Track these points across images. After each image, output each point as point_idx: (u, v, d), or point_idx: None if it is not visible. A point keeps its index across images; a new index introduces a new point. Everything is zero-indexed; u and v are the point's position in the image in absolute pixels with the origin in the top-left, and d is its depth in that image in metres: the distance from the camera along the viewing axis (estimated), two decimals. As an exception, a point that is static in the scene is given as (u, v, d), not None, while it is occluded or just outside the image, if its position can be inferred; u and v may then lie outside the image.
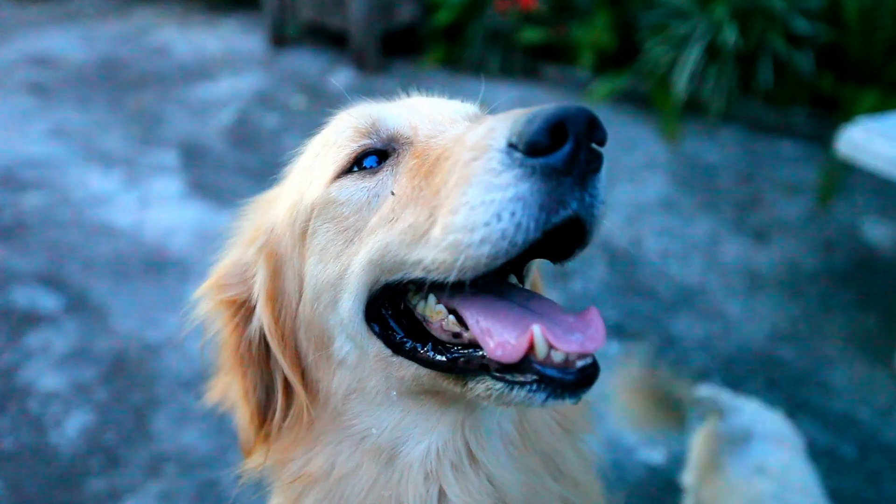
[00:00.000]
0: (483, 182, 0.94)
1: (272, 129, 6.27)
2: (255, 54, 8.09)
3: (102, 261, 4.44)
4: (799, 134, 5.82)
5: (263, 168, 5.39)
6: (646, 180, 5.32)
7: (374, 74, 7.30)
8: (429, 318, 1.10)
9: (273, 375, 1.27)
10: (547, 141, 0.91)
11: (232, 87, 7.17)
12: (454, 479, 1.15)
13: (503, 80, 6.82)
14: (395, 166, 1.15)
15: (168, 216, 4.95)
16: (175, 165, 5.66)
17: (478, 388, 1.02)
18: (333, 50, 7.93)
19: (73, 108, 6.68)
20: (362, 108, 1.26)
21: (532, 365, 0.96)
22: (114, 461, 3.08)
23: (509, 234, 0.92)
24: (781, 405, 3.25)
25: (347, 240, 1.15)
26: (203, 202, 5.11)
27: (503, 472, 1.17)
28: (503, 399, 0.99)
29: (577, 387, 0.96)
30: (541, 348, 0.96)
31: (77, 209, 5.02)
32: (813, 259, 4.41)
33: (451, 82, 6.50)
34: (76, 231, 4.76)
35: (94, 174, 5.50)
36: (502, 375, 0.99)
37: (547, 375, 0.96)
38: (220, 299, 1.27)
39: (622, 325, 3.87)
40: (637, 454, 3.11)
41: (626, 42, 6.61)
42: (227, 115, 6.54)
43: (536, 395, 0.96)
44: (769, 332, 3.82)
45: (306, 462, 1.21)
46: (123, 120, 6.47)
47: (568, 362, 0.96)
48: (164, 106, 6.75)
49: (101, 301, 4.08)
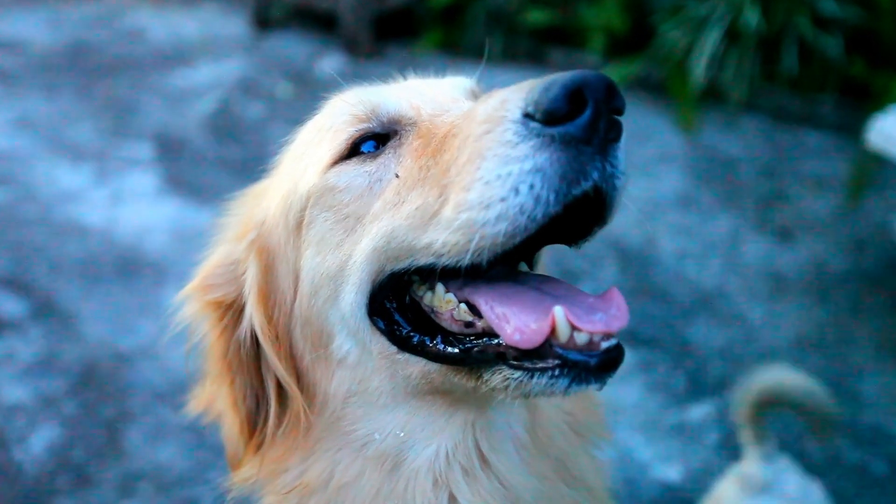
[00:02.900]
0: (498, 155, 0.95)
1: (256, 120, 6.27)
2: (237, 38, 8.08)
3: (71, 262, 4.44)
4: (826, 124, 5.82)
5: (246, 161, 5.40)
6: (661, 174, 5.33)
7: (366, 60, 7.30)
8: (437, 308, 1.10)
9: (264, 381, 1.28)
10: (565, 108, 0.92)
11: (212, 73, 7.17)
12: (465, 483, 1.16)
13: (506, 65, 6.81)
14: (398, 148, 1.16)
15: (143, 214, 4.95)
16: (150, 159, 5.65)
17: (494, 380, 1.02)
18: (322, 33, 7.93)
19: (40, 97, 6.68)
20: (359, 91, 1.28)
21: (553, 349, 0.97)
22: (83, 480, 3.08)
23: (528, 208, 0.93)
24: (808, 418, 3.27)
25: (348, 228, 1.16)
26: (181, 199, 5.11)
27: (516, 476, 1.17)
28: (522, 389, 1.00)
29: (601, 370, 0.96)
30: (563, 330, 0.96)
31: (43, 206, 5.02)
32: (842, 260, 4.41)
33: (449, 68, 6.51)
34: (42, 230, 4.76)
35: (63, 168, 5.50)
36: (520, 363, 1.00)
37: (570, 359, 0.96)
38: (206, 301, 1.28)
39: (635, 331, 3.87)
40: (652, 471, 3.11)
41: (640, 25, 6.61)
42: (206, 104, 6.54)
43: (559, 381, 0.97)
44: (794, 338, 3.83)
45: (303, 471, 1.21)
46: (94, 110, 6.46)
47: (592, 344, 0.97)
48: (138, 94, 6.75)
49: (69, 306, 4.07)
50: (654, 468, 3.12)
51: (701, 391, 3.51)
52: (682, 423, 3.35)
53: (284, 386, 1.24)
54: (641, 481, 3.07)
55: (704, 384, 3.55)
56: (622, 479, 2.99)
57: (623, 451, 3.10)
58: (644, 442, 3.23)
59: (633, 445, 3.16)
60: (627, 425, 3.30)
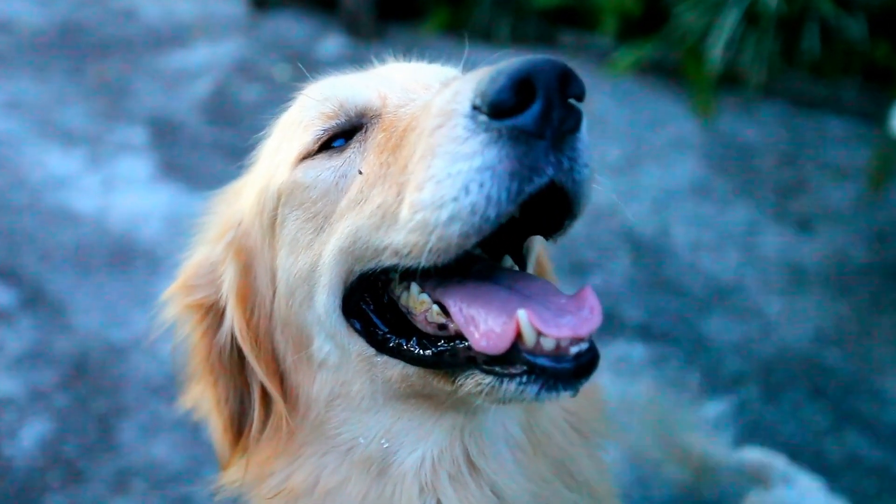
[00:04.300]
0: (448, 152, 0.93)
1: (253, 103, 6.25)
2: (234, 18, 8.06)
3: (62, 251, 4.44)
4: (848, 110, 5.78)
5: (243, 146, 5.35)
6: (675, 162, 5.31)
7: (368, 41, 7.27)
8: (413, 309, 1.10)
9: (249, 383, 1.28)
10: (512, 100, 0.90)
11: (208, 55, 7.15)
12: (452, 490, 1.16)
13: (514, 48, 6.78)
14: (363, 142, 1.15)
15: (136, 201, 4.95)
16: (144, 144, 5.65)
17: (468, 384, 1.02)
18: (322, 14, 7.90)
19: (29, 79, 6.67)
20: (326, 84, 1.26)
21: (521, 354, 0.96)
22: (75, 475, 3.09)
23: (480, 208, 0.91)
24: (827, 416, 3.26)
25: (317, 227, 1.15)
26: (175, 185, 5.10)
27: (509, 480, 1.17)
28: (494, 395, 0.99)
29: (572, 376, 0.95)
30: (528, 335, 0.95)
31: (33, 193, 5.02)
32: (863, 252, 4.39)
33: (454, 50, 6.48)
34: (32, 217, 4.76)
35: (53, 153, 5.50)
36: (491, 368, 0.99)
37: (538, 365, 0.95)
38: (188, 303, 1.28)
39: (648, 325, 3.86)
40: (665, 471, 3.11)
41: (653, 6, 6.57)
42: (202, 86, 6.53)
43: (528, 387, 0.96)
44: (813, 333, 3.81)
45: (288, 476, 1.22)
46: (85, 92, 6.45)
47: (560, 349, 0.95)
48: (131, 76, 6.73)
49: (60, 296, 4.08)
50: (668, 468, 3.11)
51: (716, 387, 3.49)
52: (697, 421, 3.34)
53: (266, 388, 1.24)
54: (654, 481, 3.07)
55: (720, 380, 3.54)
56: (633, 478, 2.99)
57: (634, 448, 3.09)
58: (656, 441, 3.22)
59: (646, 443, 3.15)
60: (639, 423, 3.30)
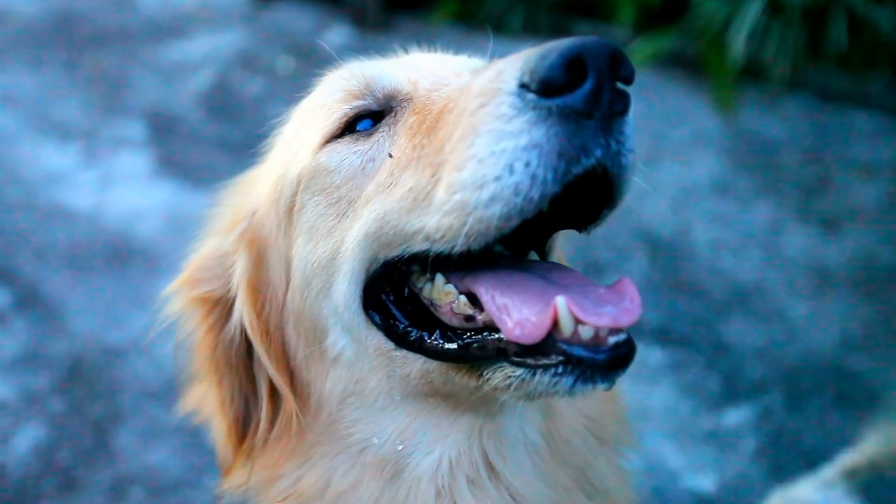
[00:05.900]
0: (492, 130, 0.94)
1: (255, 97, 6.27)
2: (236, 8, 8.07)
3: (57, 250, 4.46)
4: (877, 105, 5.76)
5: (245, 141, 5.36)
6: (695, 159, 5.29)
7: (374, 32, 7.28)
8: (437, 301, 1.10)
9: (256, 381, 1.28)
10: (563, 77, 0.91)
11: (208, 46, 7.17)
12: (470, 494, 1.16)
13: (526, 39, 6.75)
14: (393, 126, 1.16)
15: (134, 198, 4.96)
16: (142, 138, 5.66)
17: (495, 378, 1.02)
18: (327, 4, 7.91)
19: (23, 71, 6.69)
20: (354, 66, 1.27)
21: (557, 344, 0.96)
22: (70, 483, 3.10)
23: (524, 188, 0.91)
24: (852, 423, 3.24)
25: (340, 213, 1.15)
26: (174, 181, 5.12)
27: (528, 486, 1.17)
28: (524, 388, 0.99)
29: (609, 368, 0.95)
30: (566, 323, 0.95)
31: (28, 189, 5.04)
32: (892, 253, 4.37)
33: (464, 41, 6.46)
34: (27, 215, 4.78)
35: (48, 148, 5.52)
36: (522, 360, 0.99)
37: (574, 355, 0.95)
38: (194, 296, 1.28)
39: (666, 328, 3.86)
40: (683, 480, 3.10)
41: (673, -5, 6.56)
42: (202, 79, 6.55)
43: (563, 379, 0.96)
44: (839, 338, 3.80)
45: (297, 478, 1.22)
46: (82, 85, 6.48)
47: (598, 339, 0.95)
48: (128, 68, 6.76)
49: (55, 297, 4.10)
50: (686, 477, 3.11)
51: (737, 394, 3.49)
52: (717, 429, 3.33)
53: (276, 386, 1.24)
54: (672, 491, 3.07)
55: (741, 386, 3.53)
56: (651, 488, 2.99)
57: (652, 458, 3.09)
58: (675, 449, 3.22)
59: (664, 452, 3.15)
60: (657, 431, 3.29)
